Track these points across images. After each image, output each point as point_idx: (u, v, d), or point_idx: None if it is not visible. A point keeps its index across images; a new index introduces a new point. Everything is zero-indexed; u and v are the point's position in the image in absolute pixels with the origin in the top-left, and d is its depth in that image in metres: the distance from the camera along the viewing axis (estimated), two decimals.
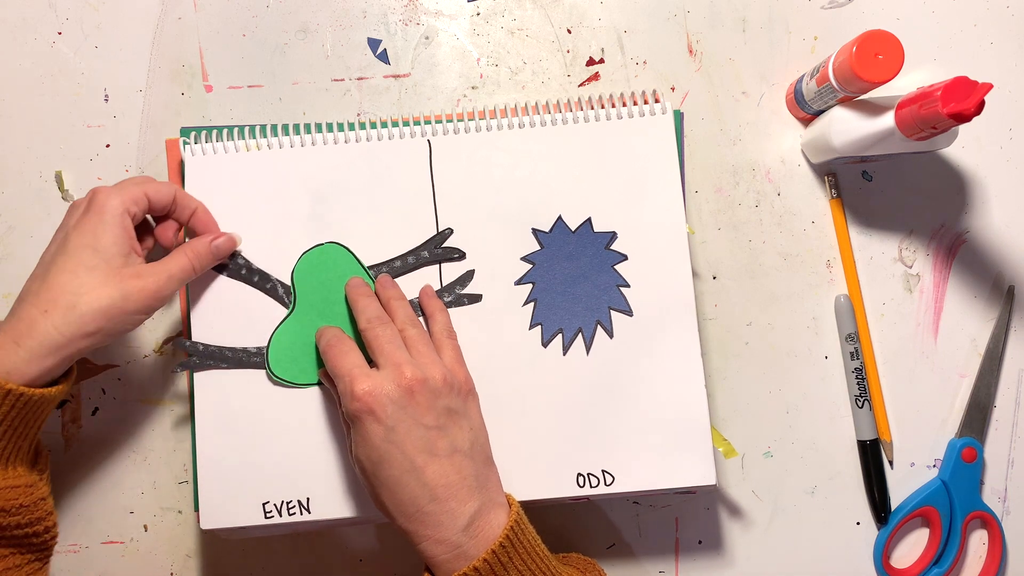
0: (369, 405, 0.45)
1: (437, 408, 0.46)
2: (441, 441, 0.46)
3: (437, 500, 0.45)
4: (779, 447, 0.60)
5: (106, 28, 0.60)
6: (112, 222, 0.47)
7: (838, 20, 0.60)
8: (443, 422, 0.46)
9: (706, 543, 0.60)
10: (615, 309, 0.54)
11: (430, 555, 0.45)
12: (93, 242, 0.47)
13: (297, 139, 0.55)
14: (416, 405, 0.46)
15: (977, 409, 0.59)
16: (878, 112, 0.53)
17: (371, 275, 0.55)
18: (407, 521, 0.45)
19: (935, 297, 0.60)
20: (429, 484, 0.45)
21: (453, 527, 0.45)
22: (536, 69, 0.60)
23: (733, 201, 0.60)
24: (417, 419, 0.45)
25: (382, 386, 0.46)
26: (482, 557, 0.44)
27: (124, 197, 0.48)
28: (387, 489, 0.45)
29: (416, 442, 0.45)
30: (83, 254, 0.46)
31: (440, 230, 0.55)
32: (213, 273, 0.54)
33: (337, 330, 0.51)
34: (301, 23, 0.60)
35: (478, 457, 0.47)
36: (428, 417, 0.46)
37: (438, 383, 0.47)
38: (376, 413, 0.45)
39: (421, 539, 0.45)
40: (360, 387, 0.45)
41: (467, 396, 0.49)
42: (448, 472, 0.45)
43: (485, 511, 0.46)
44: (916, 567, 0.60)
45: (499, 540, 0.44)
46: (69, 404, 0.59)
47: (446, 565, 0.45)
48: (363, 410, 0.45)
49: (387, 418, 0.45)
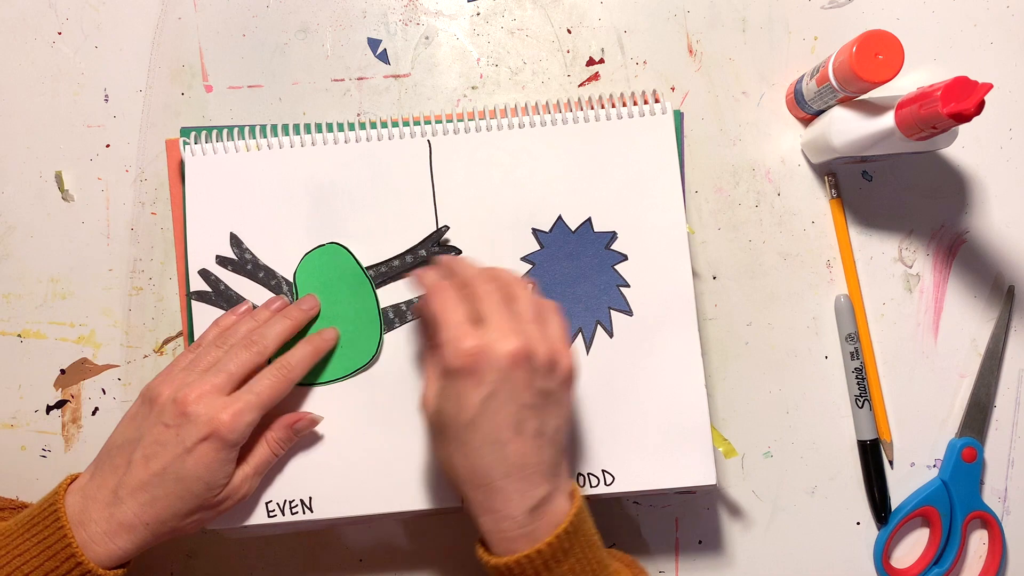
0: (473, 366, 0.44)
1: (535, 387, 0.45)
2: (531, 421, 0.45)
3: (511, 478, 0.44)
4: (779, 447, 0.60)
5: (106, 28, 0.60)
6: (231, 459, 0.48)
7: (838, 20, 0.60)
8: (537, 403, 0.45)
9: (706, 543, 0.60)
10: (615, 309, 0.54)
11: (490, 529, 0.45)
12: (208, 477, 0.47)
13: (297, 139, 0.55)
14: (516, 380, 0.44)
15: (977, 409, 0.59)
16: (878, 112, 0.53)
17: (369, 276, 0.55)
18: (475, 489, 0.45)
19: (935, 297, 0.60)
20: (508, 460, 0.44)
21: (520, 507, 0.44)
22: (536, 69, 0.60)
23: (733, 201, 0.60)
24: (515, 394, 0.44)
25: (491, 350, 0.44)
26: (546, 541, 0.43)
27: (244, 428, 0.48)
28: (463, 454, 0.45)
29: (508, 417, 0.44)
30: (196, 486, 0.47)
31: (438, 227, 0.55)
32: (218, 268, 0.54)
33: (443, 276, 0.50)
34: (301, 23, 0.60)
35: (559, 444, 0.47)
36: (525, 395, 0.45)
37: (542, 363, 0.45)
38: (478, 375, 0.44)
39: (484, 511, 0.45)
40: (469, 344, 0.44)
41: (565, 383, 0.47)
42: (529, 453, 0.44)
43: (553, 497, 0.45)
44: (916, 567, 0.60)
45: (563, 526, 0.44)
46: (69, 404, 0.59)
47: (505, 543, 0.44)
48: (466, 369, 0.44)
49: (487, 384, 0.44)
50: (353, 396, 0.54)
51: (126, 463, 0.47)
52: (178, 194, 0.58)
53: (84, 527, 0.46)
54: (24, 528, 0.46)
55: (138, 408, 0.49)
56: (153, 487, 0.47)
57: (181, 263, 0.58)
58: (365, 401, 0.54)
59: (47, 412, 0.59)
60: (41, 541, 0.46)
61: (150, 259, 0.59)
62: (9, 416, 0.59)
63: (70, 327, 0.59)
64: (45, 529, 0.46)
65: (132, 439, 0.48)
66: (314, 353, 0.52)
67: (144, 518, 0.47)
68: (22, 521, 0.47)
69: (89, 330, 0.59)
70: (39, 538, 0.46)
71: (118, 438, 0.49)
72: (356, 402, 0.54)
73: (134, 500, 0.47)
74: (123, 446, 0.48)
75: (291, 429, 0.51)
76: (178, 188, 0.58)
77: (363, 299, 0.55)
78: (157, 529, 0.47)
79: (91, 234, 0.59)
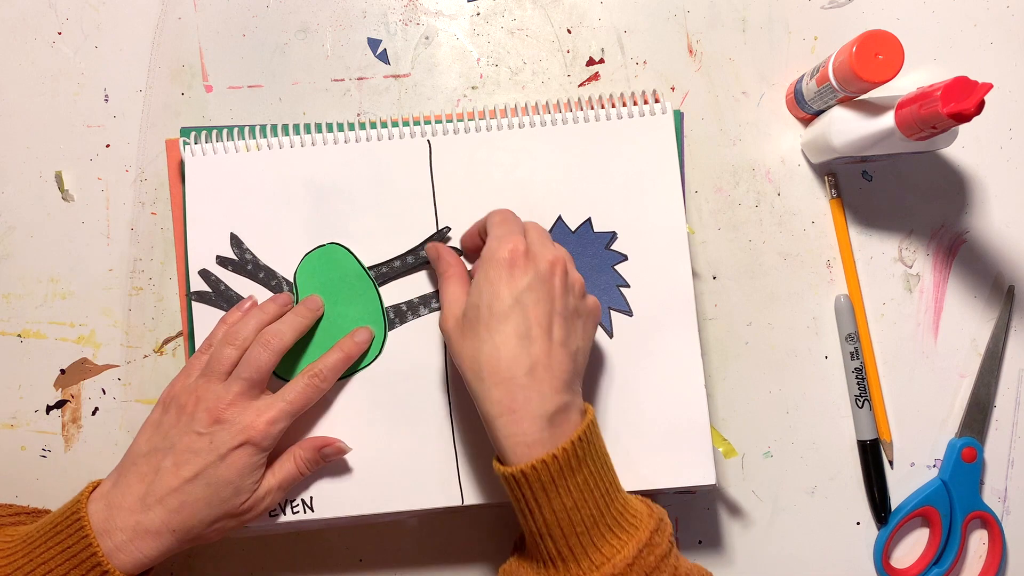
0: (516, 260, 0.46)
1: (568, 301, 0.47)
2: (559, 329, 0.46)
3: (534, 375, 0.44)
4: (779, 447, 0.60)
5: (106, 28, 0.60)
6: (262, 464, 0.49)
7: (838, 20, 0.60)
8: (567, 315, 0.47)
9: (706, 543, 0.60)
10: (615, 309, 0.54)
11: (508, 434, 0.44)
12: (238, 480, 0.48)
13: (297, 139, 0.55)
14: (553, 285, 0.46)
15: (977, 409, 0.59)
16: (878, 112, 0.53)
17: (371, 276, 0.55)
18: (497, 385, 0.45)
19: (935, 297, 0.60)
20: (533, 357, 0.45)
21: (540, 410, 0.44)
22: (536, 69, 0.60)
23: (733, 201, 0.60)
24: (550, 297, 0.46)
25: (535, 253, 0.47)
26: (562, 446, 0.44)
27: (276, 434, 0.49)
28: (491, 344, 0.45)
29: (540, 315, 0.45)
30: (225, 491, 0.48)
31: (439, 229, 0.55)
32: (218, 268, 0.54)
33: None
34: (301, 23, 0.60)
35: (577, 365, 0.47)
36: (559, 302, 0.46)
37: (577, 285, 0.48)
38: (520, 269, 0.46)
39: (504, 411, 0.44)
40: (517, 243, 0.46)
41: (592, 315, 0.49)
42: (552, 356, 0.45)
43: (569, 409, 0.46)
44: (916, 567, 0.60)
45: (579, 432, 0.45)
46: (69, 404, 0.59)
47: (522, 449, 0.44)
48: (509, 261, 0.46)
49: (525, 278, 0.46)
50: (355, 395, 0.54)
51: (154, 470, 0.48)
52: (178, 194, 0.58)
53: (110, 535, 0.46)
54: (47, 535, 0.47)
55: (161, 415, 0.50)
56: (183, 493, 0.47)
57: (181, 263, 0.58)
58: (367, 400, 0.54)
59: (47, 412, 0.59)
60: (66, 549, 0.46)
61: (150, 259, 0.59)
62: (9, 416, 0.59)
63: (70, 327, 0.59)
64: (69, 537, 0.46)
65: (160, 447, 0.48)
66: (346, 359, 0.53)
67: (171, 524, 0.47)
68: (44, 528, 0.47)
69: (89, 330, 0.59)
70: (63, 546, 0.46)
71: (143, 446, 0.49)
72: (358, 401, 0.54)
73: (162, 507, 0.47)
74: (150, 454, 0.49)
75: (319, 453, 0.52)
76: (178, 188, 0.58)
77: (366, 298, 0.55)
78: (183, 536, 0.48)
79: (91, 234, 0.59)
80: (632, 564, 0.43)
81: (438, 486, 0.54)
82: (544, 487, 0.44)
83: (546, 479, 0.44)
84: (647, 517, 0.46)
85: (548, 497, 0.44)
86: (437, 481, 0.54)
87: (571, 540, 0.44)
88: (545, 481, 0.44)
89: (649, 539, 0.45)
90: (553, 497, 0.44)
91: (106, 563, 0.46)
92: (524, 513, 0.45)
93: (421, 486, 0.54)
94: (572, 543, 0.44)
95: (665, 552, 0.45)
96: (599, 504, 0.45)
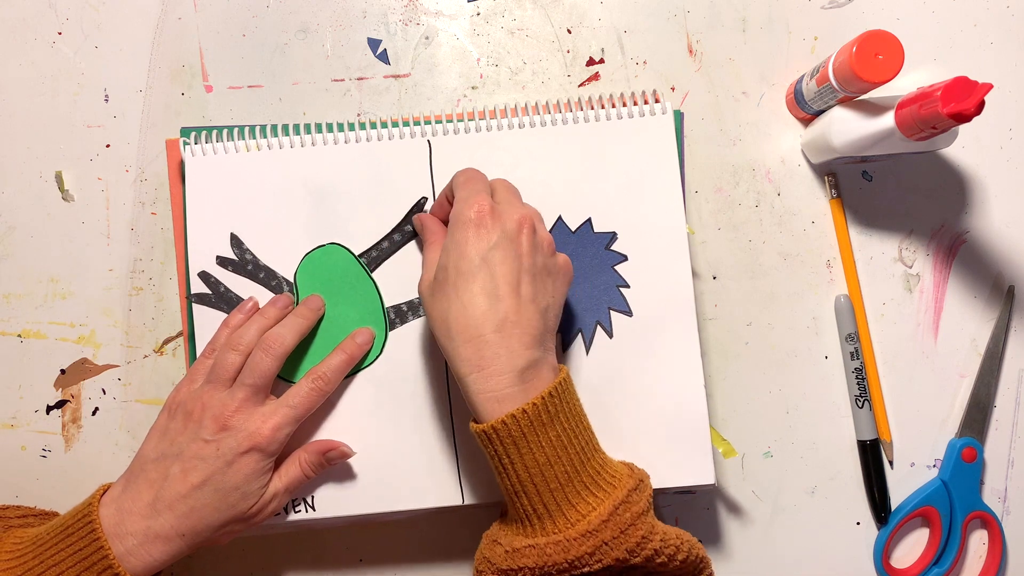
0: (482, 219, 0.46)
1: (535, 258, 0.47)
2: (527, 286, 0.46)
3: (502, 332, 0.45)
4: (779, 447, 0.60)
5: (106, 28, 0.60)
6: (269, 469, 0.50)
7: (838, 20, 0.60)
8: (536, 272, 0.47)
9: (706, 543, 0.60)
10: (615, 310, 0.54)
11: (478, 390, 0.45)
12: (245, 486, 0.49)
13: (297, 139, 0.55)
14: (521, 244, 0.46)
15: (977, 409, 0.59)
16: (878, 112, 0.53)
17: (371, 275, 0.55)
18: (466, 343, 0.45)
19: (935, 297, 0.60)
20: (500, 314, 0.45)
21: (510, 366, 0.44)
22: (536, 69, 0.60)
23: (733, 201, 0.60)
24: (517, 255, 0.46)
25: (502, 211, 0.47)
26: (531, 401, 0.44)
27: (282, 439, 0.50)
28: (459, 304, 0.45)
29: (506, 274, 0.45)
30: (233, 497, 0.48)
31: (417, 201, 0.55)
32: (219, 268, 0.54)
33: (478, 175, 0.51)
34: (301, 23, 0.60)
35: (547, 322, 0.47)
36: (526, 260, 0.46)
37: (545, 243, 0.48)
38: (486, 228, 0.46)
39: (474, 368, 0.45)
40: (482, 203, 0.46)
41: (563, 273, 0.49)
42: (521, 313, 0.45)
43: (540, 365, 0.46)
44: (916, 567, 0.60)
45: (549, 389, 0.45)
46: (69, 404, 0.59)
47: (493, 404, 0.44)
48: (474, 220, 0.46)
49: (493, 237, 0.46)
50: (356, 395, 0.54)
51: (163, 476, 0.48)
52: (178, 194, 0.58)
53: (121, 540, 0.47)
54: (57, 537, 0.47)
55: (168, 422, 0.50)
56: (192, 499, 0.48)
57: (181, 263, 0.58)
58: (368, 400, 0.54)
59: (47, 412, 0.59)
60: (77, 552, 0.46)
61: (150, 259, 0.59)
62: (9, 416, 0.59)
63: (70, 327, 0.59)
64: (80, 540, 0.46)
65: (168, 453, 0.49)
66: (349, 361, 0.53)
67: (181, 529, 0.48)
68: (54, 530, 0.47)
69: (89, 330, 0.59)
70: (74, 548, 0.46)
71: (151, 452, 0.49)
72: (359, 401, 0.54)
73: (172, 512, 0.48)
74: (158, 460, 0.49)
75: (323, 456, 0.52)
76: (178, 188, 0.58)
77: (366, 298, 0.55)
78: (192, 540, 0.48)
79: (91, 234, 0.59)
80: (607, 520, 0.44)
81: (438, 486, 0.54)
82: (515, 442, 0.44)
83: (517, 434, 0.44)
84: (626, 477, 0.46)
85: (520, 453, 0.44)
86: (437, 481, 0.54)
87: (545, 496, 0.44)
88: (516, 436, 0.44)
89: (626, 497, 0.45)
90: (525, 453, 0.44)
91: (117, 566, 0.46)
92: (499, 471, 0.45)
93: (422, 486, 0.54)
94: (547, 499, 0.44)
95: (642, 510, 0.45)
96: (573, 461, 0.45)
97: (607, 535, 0.43)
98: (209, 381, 0.50)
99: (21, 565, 0.46)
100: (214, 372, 0.50)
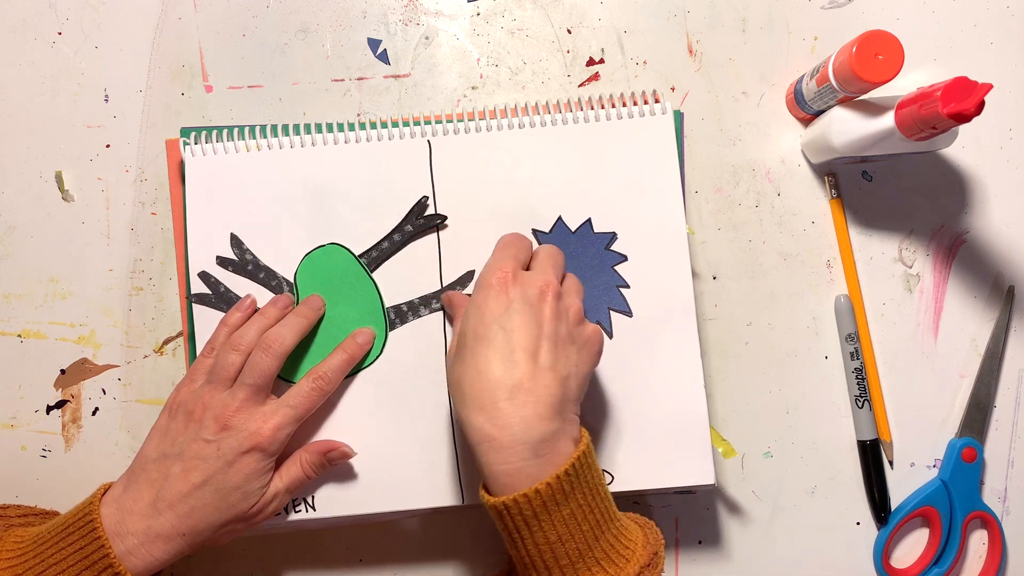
0: (503, 283, 0.46)
1: (559, 327, 0.46)
2: (546, 354, 0.44)
3: (515, 401, 0.43)
4: (779, 447, 0.60)
5: (106, 28, 0.60)
6: (269, 469, 0.50)
7: (838, 20, 0.60)
8: (557, 340, 0.45)
9: (706, 543, 0.60)
10: (615, 310, 0.54)
11: (489, 461, 0.43)
12: (246, 485, 0.49)
13: (297, 139, 0.55)
14: (542, 311, 0.45)
15: (977, 409, 0.59)
16: (878, 112, 0.53)
17: (364, 264, 0.55)
18: (478, 411, 0.43)
19: (935, 297, 0.60)
20: (515, 381, 0.43)
21: (523, 437, 0.42)
22: (536, 69, 0.60)
23: (733, 201, 0.60)
24: (536, 320, 0.45)
25: (525, 277, 0.46)
26: (545, 481, 0.42)
27: (283, 439, 0.50)
28: (474, 368, 0.44)
29: (524, 338, 0.44)
30: (234, 497, 0.48)
31: (419, 200, 0.55)
32: (219, 269, 0.54)
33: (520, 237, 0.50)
34: (301, 23, 0.60)
35: (568, 391, 0.45)
36: (548, 327, 0.45)
37: (572, 311, 0.47)
38: (506, 292, 0.45)
39: (485, 438, 0.43)
40: (505, 268, 0.46)
41: (588, 343, 0.47)
42: (537, 381, 0.44)
43: (558, 437, 0.44)
44: (916, 567, 0.60)
45: (565, 467, 0.43)
46: (69, 404, 0.59)
47: (505, 479, 0.43)
48: (495, 285, 0.46)
49: (512, 301, 0.45)
50: (356, 395, 0.54)
51: (163, 476, 0.48)
52: (178, 194, 0.58)
53: (122, 539, 0.47)
54: (58, 537, 0.47)
55: (169, 422, 0.50)
56: (193, 499, 0.48)
57: (181, 263, 0.58)
58: (368, 400, 0.54)
59: (47, 412, 0.59)
60: (78, 551, 0.46)
61: (150, 259, 0.59)
62: (9, 416, 0.59)
63: (70, 327, 0.59)
64: (82, 539, 0.46)
65: (169, 453, 0.49)
66: (349, 361, 0.53)
67: (181, 529, 0.48)
68: (55, 529, 0.47)
69: (89, 330, 0.59)
70: (75, 547, 0.46)
71: (152, 451, 0.50)
72: (359, 401, 0.54)
73: (173, 512, 0.48)
74: (159, 460, 0.49)
75: (324, 457, 0.52)
76: (178, 188, 0.58)
77: (366, 298, 0.55)
78: (193, 540, 0.48)
79: (91, 234, 0.59)
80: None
81: (438, 486, 0.54)
82: (527, 521, 0.43)
83: (528, 514, 0.42)
84: (640, 549, 0.45)
85: (531, 530, 0.43)
86: (437, 481, 0.54)
87: (554, 573, 0.43)
88: (527, 515, 0.42)
89: (638, 574, 0.44)
90: (536, 531, 0.43)
91: (118, 565, 0.46)
92: (509, 542, 0.44)
93: (422, 486, 0.54)
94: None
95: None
96: (587, 537, 0.44)
97: None
98: (210, 381, 0.50)
99: (22, 564, 0.46)
100: (215, 372, 0.50)
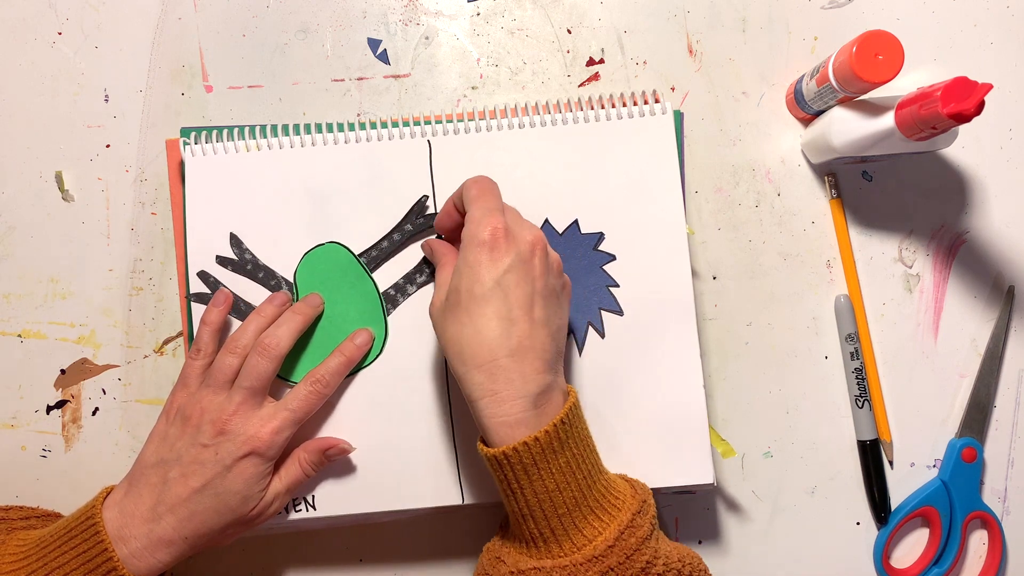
0: (496, 241, 0.45)
1: (547, 281, 0.46)
2: (540, 309, 0.45)
3: (515, 357, 0.44)
4: (779, 447, 0.60)
5: (106, 28, 0.60)
6: (268, 472, 0.50)
7: (838, 20, 0.60)
8: (547, 295, 0.46)
9: (706, 543, 0.60)
10: (605, 309, 0.54)
11: (490, 414, 0.44)
12: (245, 490, 0.49)
13: (297, 139, 0.55)
14: (533, 266, 0.46)
15: (977, 409, 0.59)
16: (878, 112, 0.53)
17: (364, 264, 0.55)
18: (478, 368, 0.44)
19: (935, 297, 0.60)
20: (515, 338, 0.44)
21: (523, 391, 0.44)
22: (536, 69, 0.60)
23: (733, 201, 0.60)
24: (530, 277, 0.45)
25: (515, 232, 0.46)
26: (544, 429, 0.44)
27: (281, 443, 0.50)
28: (473, 328, 0.45)
29: (520, 297, 0.45)
30: (233, 500, 0.48)
31: (418, 200, 0.55)
32: (218, 268, 0.54)
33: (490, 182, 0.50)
34: (301, 23, 0.60)
35: (559, 344, 0.47)
36: (539, 282, 0.46)
37: (556, 264, 0.48)
38: (500, 251, 0.45)
39: (486, 393, 0.44)
40: (496, 224, 0.45)
41: (567, 293, 0.49)
42: (535, 337, 0.45)
43: (552, 389, 0.45)
44: (916, 567, 0.60)
45: (560, 415, 0.44)
46: (69, 404, 0.59)
47: (505, 430, 0.44)
48: (489, 243, 0.45)
49: (507, 260, 0.45)
50: (356, 395, 0.54)
51: (162, 481, 0.48)
52: (178, 194, 0.58)
53: (125, 543, 0.47)
54: (61, 539, 0.47)
55: (166, 426, 0.50)
56: (192, 503, 0.48)
57: (181, 263, 0.58)
58: (368, 400, 0.54)
59: (47, 412, 0.59)
60: (81, 554, 0.46)
61: (150, 259, 0.59)
62: (9, 416, 0.59)
63: (70, 327, 0.59)
64: (84, 542, 0.46)
65: (167, 458, 0.49)
66: (347, 363, 0.53)
67: (183, 532, 0.48)
68: (58, 532, 0.47)
69: (89, 330, 0.59)
70: (78, 550, 0.46)
71: (151, 457, 0.50)
72: (359, 401, 0.54)
73: (173, 516, 0.48)
74: (158, 465, 0.49)
75: (323, 454, 0.52)
76: (178, 188, 0.58)
77: (366, 297, 0.55)
78: (195, 543, 0.48)
79: (91, 234, 0.59)
80: (613, 546, 0.44)
81: (438, 486, 0.54)
82: (526, 469, 0.44)
83: (528, 461, 0.44)
84: (630, 499, 0.46)
85: (530, 479, 0.44)
86: (437, 481, 0.54)
87: (552, 522, 0.44)
88: (527, 463, 0.44)
89: (631, 521, 0.45)
90: (535, 479, 0.44)
91: (122, 568, 0.46)
92: (507, 494, 0.45)
93: (422, 485, 0.54)
94: (554, 524, 0.44)
95: (646, 534, 0.45)
96: (581, 486, 0.45)
97: (613, 561, 0.43)
98: (207, 385, 0.50)
99: (26, 567, 0.46)
100: (211, 375, 0.50)
